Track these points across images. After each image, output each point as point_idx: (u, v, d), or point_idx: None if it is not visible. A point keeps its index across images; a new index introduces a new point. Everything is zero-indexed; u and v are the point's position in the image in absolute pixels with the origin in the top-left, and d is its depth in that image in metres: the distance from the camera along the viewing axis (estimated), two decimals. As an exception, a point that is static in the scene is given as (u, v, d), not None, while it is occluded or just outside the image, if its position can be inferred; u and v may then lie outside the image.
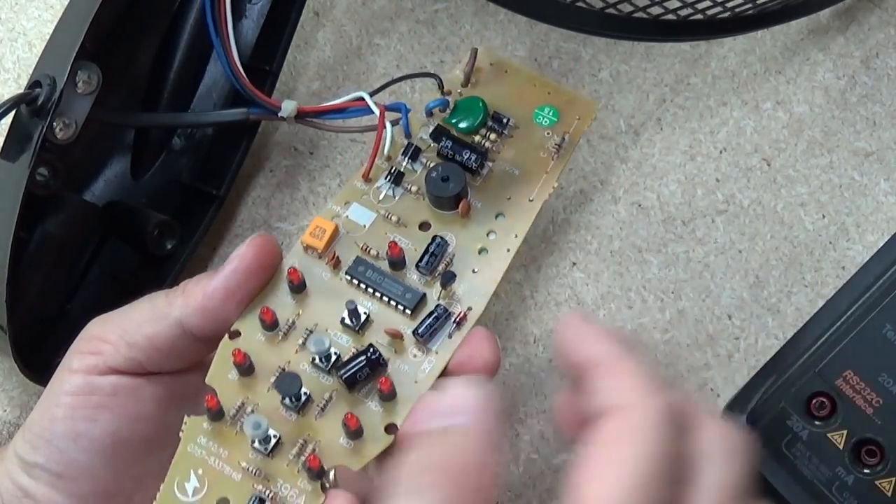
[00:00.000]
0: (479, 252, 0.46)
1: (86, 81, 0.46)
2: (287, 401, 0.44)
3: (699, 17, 0.51)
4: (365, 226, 0.46)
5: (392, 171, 0.47)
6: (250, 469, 0.43)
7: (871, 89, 0.57)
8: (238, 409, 0.44)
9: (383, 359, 0.44)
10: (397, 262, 0.45)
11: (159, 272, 0.53)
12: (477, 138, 0.48)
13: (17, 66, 0.58)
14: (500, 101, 0.48)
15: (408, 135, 0.48)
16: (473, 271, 0.45)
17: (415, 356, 0.44)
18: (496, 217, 0.47)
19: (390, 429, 0.43)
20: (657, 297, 0.55)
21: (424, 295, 0.45)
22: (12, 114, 0.45)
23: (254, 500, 0.42)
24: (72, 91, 0.45)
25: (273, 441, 0.43)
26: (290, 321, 0.45)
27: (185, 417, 0.44)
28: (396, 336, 0.44)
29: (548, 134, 0.48)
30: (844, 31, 0.58)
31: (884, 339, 0.49)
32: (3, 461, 0.45)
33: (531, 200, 0.47)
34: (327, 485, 0.42)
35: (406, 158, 0.47)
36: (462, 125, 0.48)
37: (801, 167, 0.57)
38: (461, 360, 0.44)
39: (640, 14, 0.50)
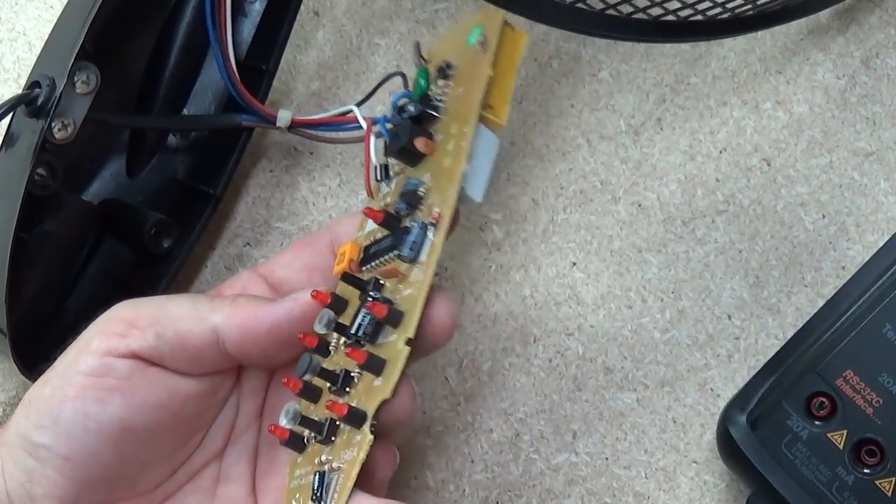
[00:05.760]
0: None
1: (84, 82, 0.46)
2: (329, 386, 0.44)
3: (699, 17, 0.51)
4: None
5: (378, 170, 0.47)
6: (323, 460, 0.44)
7: (871, 89, 0.57)
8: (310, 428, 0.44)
9: (385, 298, 0.44)
10: (391, 223, 0.45)
11: (156, 271, 0.53)
12: (433, 91, 0.47)
13: (17, 66, 0.58)
14: (450, 58, 0.47)
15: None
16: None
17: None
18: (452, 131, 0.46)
19: (408, 342, 0.43)
20: (657, 297, 0.55)
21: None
22: (11, 114, 0.45)
23: (316, 479, 0.43)
24: (71, 92, 0.45)
25: (326, 427, 0.44)
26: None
27: (288, 468, 0.45)
28: (394, 274, 0.44)
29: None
30: (844, 31, 0.58)
31: (884, 339, 0.49)
32: (2, 444, 0.44)
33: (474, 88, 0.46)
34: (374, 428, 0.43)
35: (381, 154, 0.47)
36: (416, 93, 0.47)
37: (801, 167, 0.57)
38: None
39: (640, 15, 0.50)
